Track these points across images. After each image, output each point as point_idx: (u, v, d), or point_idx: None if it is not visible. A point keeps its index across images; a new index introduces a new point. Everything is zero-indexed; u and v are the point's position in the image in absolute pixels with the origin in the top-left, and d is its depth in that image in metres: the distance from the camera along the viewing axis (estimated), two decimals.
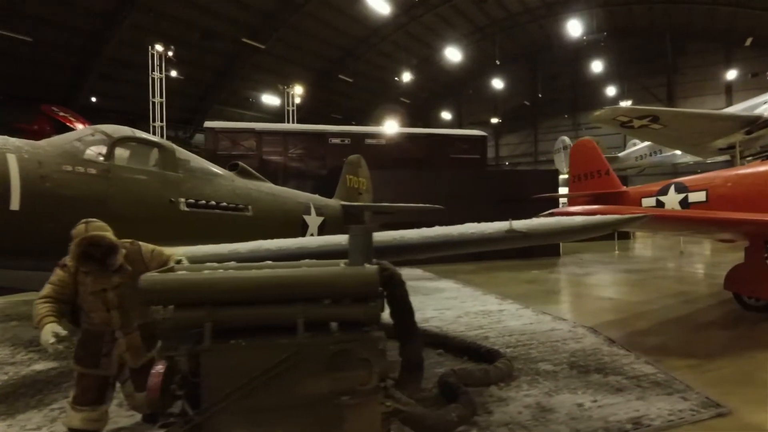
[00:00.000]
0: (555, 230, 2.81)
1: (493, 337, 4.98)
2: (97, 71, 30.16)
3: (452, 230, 3.13)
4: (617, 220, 2.89)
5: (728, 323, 5.42)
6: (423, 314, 6.03)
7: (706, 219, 4.64)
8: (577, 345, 4.65)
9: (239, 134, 13.10)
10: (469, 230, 2.99)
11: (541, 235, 2.85)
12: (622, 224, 2.93)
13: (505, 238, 2.80)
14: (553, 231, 2.82)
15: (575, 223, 2.81)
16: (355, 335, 2.37)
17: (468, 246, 3.58)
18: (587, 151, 10.65)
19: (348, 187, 8.58)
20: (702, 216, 4.37)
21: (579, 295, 7.27)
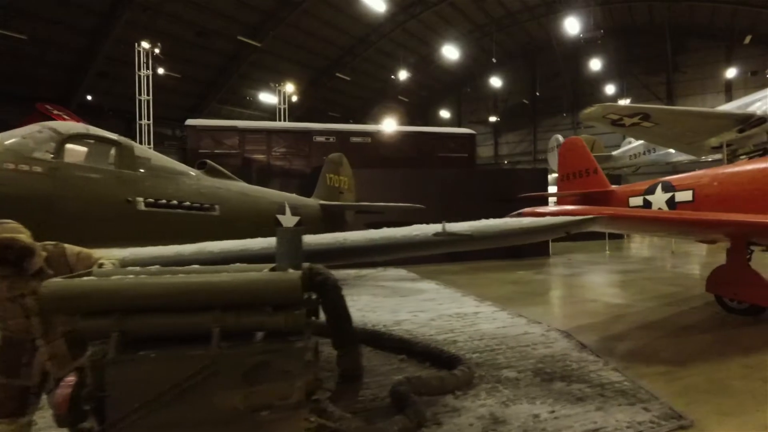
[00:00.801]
0: (496, 233, 2.65)
1: (462, 341, 4.83)
2: (93, 69, 30.07)
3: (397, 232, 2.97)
4: (567, 222, 2.72)
5: (708, 327, 5.25)
6: (396, 316, 5.89)
7: (663, 219, 4.43)
8: (546, 350, 4.49)
9: (222, 132, 12.94)
10: (413, 232, 2.83)
11: (481, 237, 2.69)
12: (572, 226, 2.76)
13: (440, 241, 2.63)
14: (494, 233, 2.65)
15: (520, 225, 2.65)
16: (275, 346, 2.21)
17: (413, 249, 3.43)
18: (576, 150, 10.48)
19: (328, 186, 8.43)
20: (659, 216, 4.17)
21: (561, 297, 7.11)
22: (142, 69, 15.99)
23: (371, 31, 38.54)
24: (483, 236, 2.66)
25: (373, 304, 6.69)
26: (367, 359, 4.34)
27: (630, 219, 4.52)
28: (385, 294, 7.41)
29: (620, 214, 4.15)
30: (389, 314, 6.01)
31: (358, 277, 9.34)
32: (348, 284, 8.50)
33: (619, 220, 4.48)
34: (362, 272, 9.87)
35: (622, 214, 4.15)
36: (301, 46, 36.86)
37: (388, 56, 40.93)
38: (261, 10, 32.66)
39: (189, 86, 37.72)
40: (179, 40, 31.46)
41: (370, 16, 34.53)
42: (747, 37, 28.12)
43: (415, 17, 37.85)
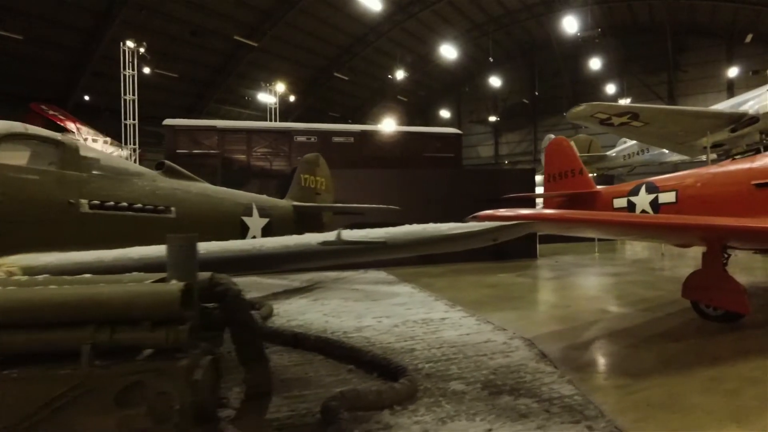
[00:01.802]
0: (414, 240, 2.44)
1: (420, 350, 4.63)
2: (90, 69, 30.06)
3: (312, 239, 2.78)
4: (490, 229, 2.51)
5: (680, 335, 5.03)
6: (360, 322, 5.70)
7: (606, 221, 4.16)
8: (504, 360, 4.29)
9: (200, 132, 12.78)
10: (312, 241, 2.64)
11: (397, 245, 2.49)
12: (498, 232, 2.55)
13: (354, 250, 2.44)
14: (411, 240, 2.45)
15: (440, 232, 2.45)
16: (151, 365, 2.02)
17: (326, 258, 3.24)
18: (562, 150, 10.27)
19: (303, 186, 8.25)
20: (602, 218, 3.93)
21: (536, 301, 6.90)
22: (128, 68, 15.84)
23: (369, 30, 38.40)
24: (399, 243, 2.46)
25: (340, 308, 6.51)
26: (315, 369, 4.17)
27: (571, 222, 4.28)
28: (356, 298, 7.23)
29: (555, 217, 3.90)
30: (353, 320, 5.82)
31: (336, 279, 9.16)
32: (323, 287, 8.33)
33: (558, 224, 4.24)
34: (342, 274, 9.70)
35: (559, 217, 3.91)
36: (299, 46, 36.77)
37: (387, 56, 40.78)
38: (259, 10, 32.58)
39: (187, 86, 37.72)
40: (176, 39, 31.46)
41: (368, 15, 34.36)
42: (748, 36, 27.76)
43: (414, 16, 37.68)
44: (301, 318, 5.99)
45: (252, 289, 8.27)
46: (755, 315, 5.70)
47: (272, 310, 6.26)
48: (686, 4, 34.20)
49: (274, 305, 6.83)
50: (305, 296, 7.48)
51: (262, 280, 9.10)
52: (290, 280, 8.96)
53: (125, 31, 28.73)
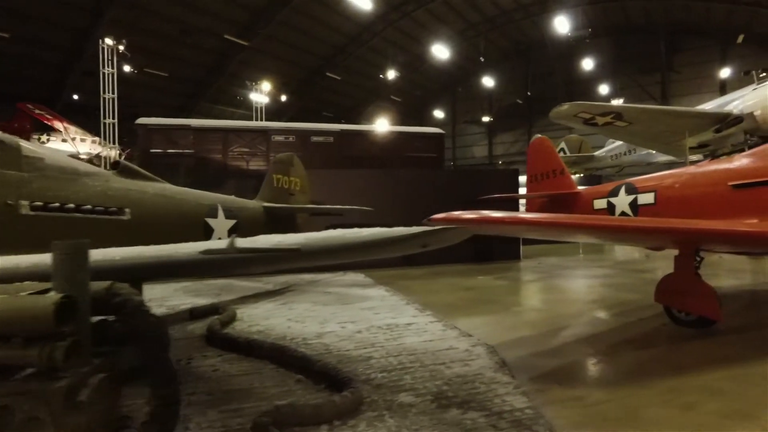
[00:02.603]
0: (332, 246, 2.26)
1: (377, 358, 4.45)
2: (79, 68, 29.77)
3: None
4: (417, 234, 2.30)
5: (649, 341, 4.86)
6: (323, 328, 5.51)
7: (544, 223, 3.95)
8: (462, 369, 4.11)
9: (174, 131, 12.55)
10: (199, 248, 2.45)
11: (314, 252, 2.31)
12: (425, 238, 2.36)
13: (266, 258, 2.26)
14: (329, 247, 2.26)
15: (359, 238, 2.26)
16: (20, 386, 1.83)
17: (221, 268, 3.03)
18: (543, 150, 10.11)
19: (275, 187, 8.06)
20: (541, 220, 3.74)
21: (511, 305, 6.72)
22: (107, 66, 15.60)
23: (363, 29, 38.23)
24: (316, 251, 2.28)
25: (307, 313, 6.32)
26: (261, 379, 3.98)
27: (518, 225, 4.09)
28: (325, 301, 7.04)
29: (490, 219, 3.71)
30: (317, 325, 5.64)
31: (311, 282, 8.97)
32: (295, 290, 8.15)
33: (493, 227, 4.04)
34: (318, 277, 9.51)
35: (492, 219, 3.72)
36: (292, 45, 36.56)
37: (381, 55, 40.58)
38: (251, 9, 32.36)
39: (178, 85, 37.48)
40: (166, 38, 31.21)
41: (362, 15, 34.16)
42: (740, 37, 27.67)
43: (408, 15, 37.50)
44: (264, 323, 5.80)
45: (224, 292, 8.09)
46: (732, 320, 5.55)
47: (235, 314, 6.07)
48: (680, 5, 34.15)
49: (241, 309, 6.65)
50: (274, 300, 7.29)
51: (236, 282, 8.91)
52: (264, 283, 8.77)
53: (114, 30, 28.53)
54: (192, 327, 5.70)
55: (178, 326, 5.79)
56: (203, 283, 8.81)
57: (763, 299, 6.84)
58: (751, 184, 5.91)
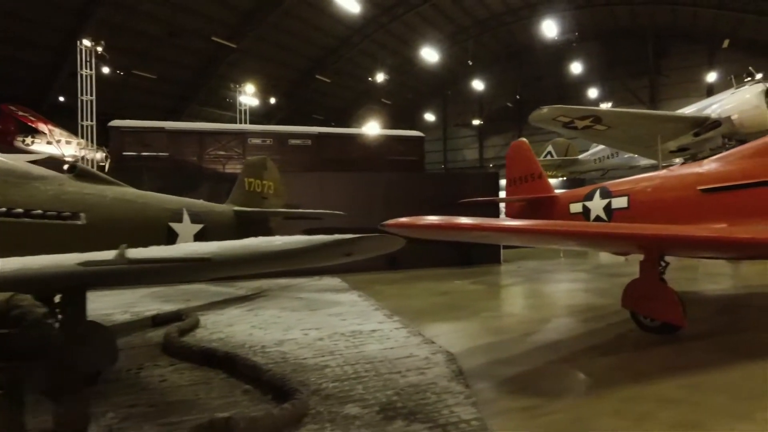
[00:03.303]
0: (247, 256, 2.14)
1: (332, 367, 4.34)
2: (66, 70, 29.46)
3: None
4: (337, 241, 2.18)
5: (612, 348, 4.78)
6: (285, 335, 5.40)
7: (490, 228, 3.85)
8: (416, 378, 4.01)
9: (148, 134, 12.37)
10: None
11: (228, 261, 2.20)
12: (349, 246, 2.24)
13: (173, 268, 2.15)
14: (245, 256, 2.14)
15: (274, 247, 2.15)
16: None
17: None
18: (522, 154, 10.07)
19: (247, 191, 7.93)
20: (487, 226, 3.65)
21: (481, 310, 6.63)
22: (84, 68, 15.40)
23: (353, 32, 38.21)
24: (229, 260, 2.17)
25: (273, 319, 6.20)
26: (209, 390, 3.86)
27: (462, 230, 3.99)
28: (294, 307, 6.93)
29: (421, 225, 3.62)
30: (280, 332, 5.52)
31: (284, 287, 8.85)
32: (266, 296, 8.02)
33: (443, 232, 3.96)
34: (293, 282, 9.39)
35: (424, 224, 3.62)
36: (282, 47, 36.46)
37: (372, 58, 40.58)
38: (240, 11, 32.24)
39: (167, 87, 37.23)
40: (155, 40, 31.01)
41: (352, 17, 34.12)
42: (725, 42, 27.92)
43: (398, 18, 37.51)
44: (227, 330, 5.67)
45: (194, 297, 7.94)
46: (700, 325, 5.49)
47: (198, 321, 5.94)
48: (667, 10, 34.45)
49: (207, 316, 6.52)
50: (243, 306, 7.16)
51: (208, 287, 8.78)
52: (236, 288, 8.63)
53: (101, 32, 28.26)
54: (152, 334, 5.57)
55: (138, 334, 5.65)
56: (174, 288, 8.67)
57: (734, 304, 6.80)
58: (719, 189, 5.89)
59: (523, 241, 4.90)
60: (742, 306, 6.60)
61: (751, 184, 5.55)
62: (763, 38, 31.90)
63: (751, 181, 5.55)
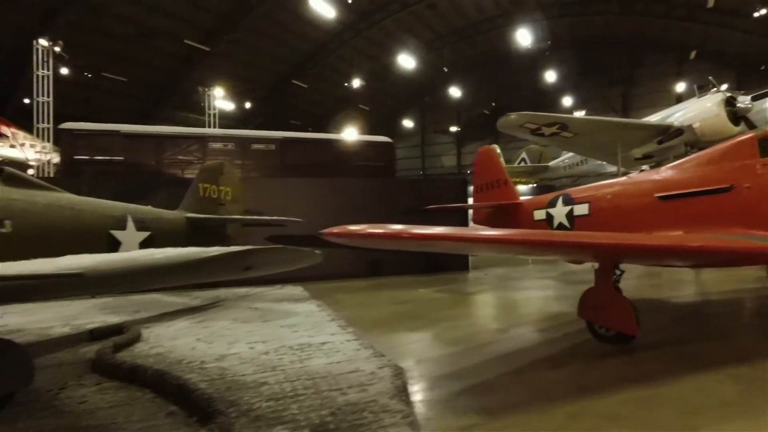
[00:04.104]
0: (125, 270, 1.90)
1: (271, 384, 4.08)
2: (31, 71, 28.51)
3: None
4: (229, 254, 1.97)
5: (566, 359, 4.65)
6: (229, 349, 5.11)
7: (429, 237, 3.66)
8: (356, 395, 3.78)
9: (102, 137, 11.91)
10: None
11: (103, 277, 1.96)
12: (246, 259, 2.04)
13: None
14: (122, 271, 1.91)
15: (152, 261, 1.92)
16: None
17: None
18: (489, 160, 9.99)
19: (202, 197, 7.63)
20: (425, 234, 3.48)
21: (441, 319, 6.46)
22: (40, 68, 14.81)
23: (331, 38, 38.11)
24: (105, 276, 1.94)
25: (221, 332, 5.91)
26: (130, 411, 3.56)
27: (397, 240, 3.82)
28: (246, 318, 6.64)
29: (377, 234, 3.45)
30: (224, 346, 5.24)
31: (242, 297, 8.54)
32: (221, 305, 7.71)
33: (384, 241, 3.79)
34: (253, 291, 9.09)
35: (380, 234, 3.45)
36: (259, 52, 36.12)
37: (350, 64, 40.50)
38: (215, 14, 31.81)
39: (140, 90, 36.45)
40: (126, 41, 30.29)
41: (330, 23, 33.98)
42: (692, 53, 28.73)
43: (376, 25, 37.58)
44: (168, 344, 5.36)
45: (144, 308, 7.57)
46: (656, 335, 5.43)
47: (139, 335, 5.61)
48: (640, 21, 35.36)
49: (152, 328, 6.18)
50: (193, 317, 6.83)
51: (161, 298, 8.40)
52: (192, 298, 8.29)
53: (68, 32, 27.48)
54: (86, 350, 5.21)
55: (71, 349, 5.29)
56: (126, 298, 8.28)
57: (691, 312, 6.78)
58: (675, 196, 5.86)
59: (464, 250, 4.75)
60: (699, 314, 6.58)
61: (706, 192, 5.53)
62: (728, 50, 33.00)
63: (706, 188, 5.54)
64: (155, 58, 32.68)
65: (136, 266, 1.96)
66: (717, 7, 25.33)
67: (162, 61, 33.45)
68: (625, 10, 33.94)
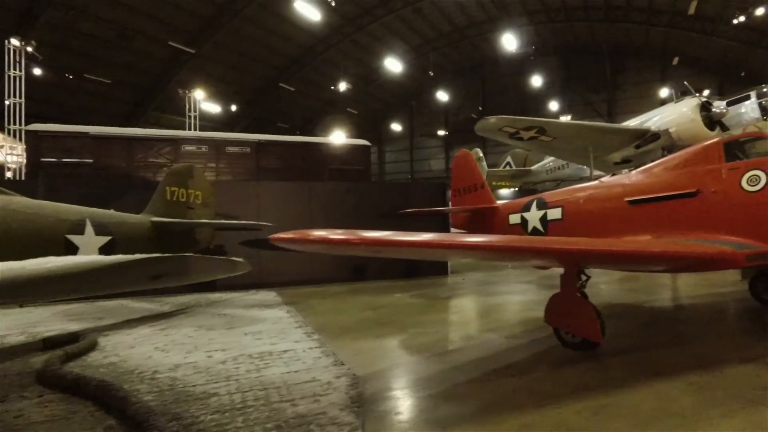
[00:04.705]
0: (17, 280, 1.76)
1: (221, 395, 3.94)
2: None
3: None
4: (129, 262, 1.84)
5: (528, 367, 4.56)
6: (185, 359, 4.94)
7: (369, 242, 3.54)
8: (307, 407, 3.65)
9: (70, 139, 11.63)
10: None
11: None
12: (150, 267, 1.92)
13: None
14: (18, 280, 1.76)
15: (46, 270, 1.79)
16: None
17: None
18: (466, 165, 9.94)
19: (169, 200, 7.45)
20: (347, 239, 3.37)
21: (409, 326, 6.34)
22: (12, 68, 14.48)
23: (318, 41, 38.05)
24: None
25: (182, 340, 5.74)
26: (65, 426, 3.40)
27: (346, 245, 3.71)
28: (211, 325, 6.47)
29: (326, 240, 3.33)
30: (181, 355, 5.08)
31: (212, 303, 8.35)
32: (188, 312, 7.52)
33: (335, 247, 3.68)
34: (225, 296, 8.90)
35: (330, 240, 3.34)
36: (245, 55, 35.93)
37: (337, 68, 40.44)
38: (200, 16, 31.58)
39: (124, 93, 36.03)
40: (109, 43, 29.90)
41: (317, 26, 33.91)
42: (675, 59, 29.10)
43: (363, 29, 37.61)
44: (124, 353, 5.18)
45: (109, 315, 7.36)
46: (622, 341, 5.37)
47: (95, 344, 5.42)
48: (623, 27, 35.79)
49: (111, 336, 5.99)
50: (157, 324, 6.64)
51: (128, 304, 8.20)
52: (161, 304, 8.09)
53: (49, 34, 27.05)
54: (36, 359, 5.01)
55: (20, 359, 5.09)
56: (92, 304, 8.06)
57: (661, 316, 6.74)
58: (644, 200, 5.83)
59: (423, 256, 4.64)
60: (670, 319, 6.54)
61: (673, 196, 5.51)
62: (710, 56, 33.51)
63: (673, 193, 5.52)
64: (139, 60, 32.30)
65: (21, 276, 1.82)
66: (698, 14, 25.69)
67: (146, 63, 33.08)
68: (609, 17, 34.35)
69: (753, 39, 30.38)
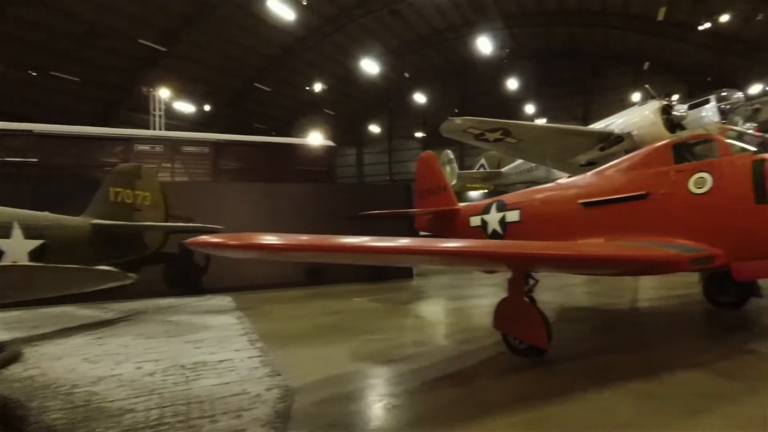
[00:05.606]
0: None
1: (138, 411, 3.65)
2: None
3: None
4: None
5: (472, 375, 4.38)
6: (112, 370, 4.63)
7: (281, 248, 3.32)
8: (228, 423, 3.40)
9: (11, 137, 11.08)
10: None
11: None
12: None
13: None
14: None
15: None
16: None
17: None
18: (429, 166, 9.80)
19: (113, 202, 7.08)
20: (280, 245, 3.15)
21: (361, 332, 6.13)
22: None
23: (295, 41, 37.67)
24: None
25: (115, 350, 5.41)
26: None
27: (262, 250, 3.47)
28: (152, 334, 6.14)
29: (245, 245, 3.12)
30: (108, 366, 4.76)
31: (160, 309, 7.99)
32: (133, 319, 7.16)
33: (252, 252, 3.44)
34: (177, 302, 8.55)
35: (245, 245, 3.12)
36: (221, 55, 35.33)
37: (315, 68, 40.12)
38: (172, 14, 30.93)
39: (95, 91, 35.04)
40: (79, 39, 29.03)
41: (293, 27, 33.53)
42: (645, 64, 29.67)
43: (341, 30, 37.40)
44: (46, 365, 4.83)
45: (47, 323, 6.95)
46: (574, 345, 5.25)
47: (18, 355, 5.05)
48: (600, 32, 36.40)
49: (42, 346, 5.62)
50: (94, 332, 6.28)
51: (74, 310, 7.78)
52: (105, 311, 7.69)
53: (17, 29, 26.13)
54: None
55: None
56: (34, 311, 7.62)
57: (616, 320, 6.67)
58: (596, 203, 5.74)
59: (353, 260, 4.48)
60: (624, 323, 6.48)
61: (624, 198, 5.42)
62: (680, 61, 34.32)
63: (624, 195, 5.43)
64: (108, 57, 31.43)
65: None
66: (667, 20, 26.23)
67: (116, 61, 32.21)
68: (586, 22, 34.89)
69: (721, 46, 31.22)
